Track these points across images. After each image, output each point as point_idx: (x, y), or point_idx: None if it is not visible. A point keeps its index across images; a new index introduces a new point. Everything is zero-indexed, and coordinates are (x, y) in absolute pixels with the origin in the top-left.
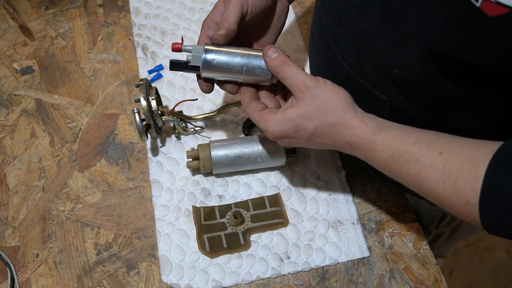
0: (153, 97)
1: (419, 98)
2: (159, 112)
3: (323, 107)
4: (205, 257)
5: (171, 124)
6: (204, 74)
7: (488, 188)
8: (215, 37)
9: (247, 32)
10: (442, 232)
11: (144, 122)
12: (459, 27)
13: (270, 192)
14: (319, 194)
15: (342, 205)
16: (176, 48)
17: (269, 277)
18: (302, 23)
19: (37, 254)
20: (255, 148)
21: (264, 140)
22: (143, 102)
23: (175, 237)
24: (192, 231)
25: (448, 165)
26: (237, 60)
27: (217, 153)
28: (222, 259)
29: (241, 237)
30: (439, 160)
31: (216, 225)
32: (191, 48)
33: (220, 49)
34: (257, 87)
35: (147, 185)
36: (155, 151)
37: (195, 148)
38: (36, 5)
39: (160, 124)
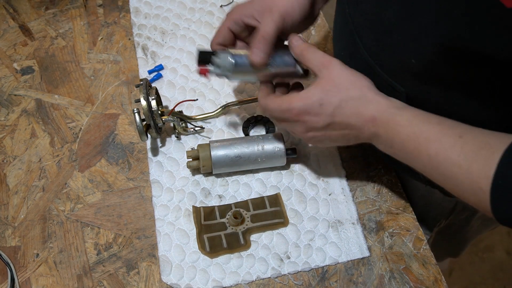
0: (153, 97)
1: (435, 90)
2: (159, 112)
3: (348, 82)
4: (205, 257)
5: (171, 124)
6: (234, 77)
7: (500, 176)
8: (253, 58)
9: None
10: (452, 223)
11: (144, 122)
12: (477, 19)
13: (270, 192)
14: (319, 194)
15: (342, 205)
16: (204, 70)
17: (269, 277)
18: None
19: (37, 254)
20: (255, 148)
21: (264, 140)
22: (143, 102)
23: (175, 237)
24: (192, 231)
25: (466, 148)
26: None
27: (217, 153)
28: (222, 259)
29: (241, 237)
30: (458, 143)
31: (216, 225)
32: (219, 60)
33: (246, 51)
34: (273, 86)
35: (147, 185)
36: (155, 151)
37: (195, 148)
38: (36, 5)
39: (160, 124)
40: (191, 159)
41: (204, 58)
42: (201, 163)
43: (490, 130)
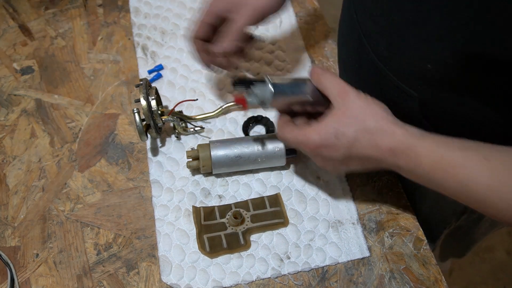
0: (153, 97)
1: (450, 94)
2: (159, 112)
3: (363, 113)
4: (205, 257)
5: (171, 124)
6: (271, 107)
7: None
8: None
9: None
10: (461, 225)
11: (144, 122)
12: (498, 22)
13: (270, 192)
14: (319, 194)
15: (342, 205)
16: (241, 101)
17: (269, 277)
18: (302, 23)
19: (37, 254)
20: (255, 148)
21: (264, 140)
22: (143, 102)
23: (175, 237)
24: (192, 231)
25: (495, 171)
26: (298, 87)
27: (217, 153)
28: (222, 259)
29: (241, 237)
30: (486, 166)
31: (216, 225)
32: (258, 91)
33: (281, 81)
34: (293, 115)
35: (147, 185)
36: (155, 151)
37: (195, 148)
38: (36, 5)
39: (160, 124)
40: (191, 159)
41: (241, 86)
42: (201, 163)
43: (509, 147)
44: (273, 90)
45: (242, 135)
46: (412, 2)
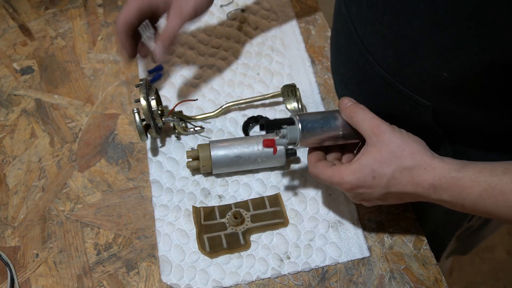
0: (153, 97)
1: (466, 101)
2: (159, 112)
3: (400, 151)
4: (205, 257)
5: (171, 124)
6: (301, 145)
7: None
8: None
9: None
10: (472, 225)
11: (144, 122)
12: None
13: (270, 192)
14: (319, 194)
15: (342, 205)
16: (270, 144)
17: (269, 277)
18: (301, 22)
19: (37, 254)
20: (255, 148)
21: None
22: (143, 102)
23: (175, 237)
24: (192, 231)
25: None
26: (328, 123)
27: (217, 153)
28: (222, 259)
29: (241, 237)
30: None
31: (216, 225)
32: (286, 132)
33: (309, 117)
34: (325, 151)
35: (147, 185)
36: (155, 151)
37: (195, 148)
38: (36, 5)
39: (160, 124)
40: (191, 159)
41: (270, 130)
42: (201, 163)
43: None
44: (301, 129)
45: (242, 135)
46: (429, 13)
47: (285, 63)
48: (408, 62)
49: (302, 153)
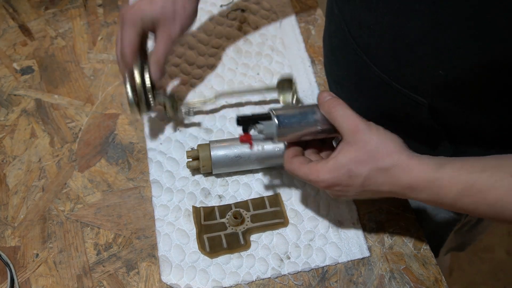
0: (147, 74)
1: (465, 100)
2: (151, 86)
3: (376, 151)
4: (205, 257)
5: (163, 105)
6: (278, 140)
7: None
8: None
9: None
10: (470, 219)
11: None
12: None
13: (270, 192)
14: (319, 194)
15: (342, 205)
16: (246, 140)
17: (269, 277)
18: (301, 22)
19: (37, 254)
20: (255, 148)
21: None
22: (137, 77)
23: (175, 237)
24: (192, 231)
25: None
26: (306, 118)
27: (217, 153)
28: (222, 259)
29: (241, 237)
30: None
31: (216, 225)
32: (263, 127)
33: (287, 112)
34: (304, 145)
35: (147, 185)
36: (155, 151)
37: (195, 148)
38: (36, 5)
39: (152, 100)
40: (191, 159)
41: (246, 125)
42: (201, 163)
43: None
44: (278, 125)
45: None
46: (429, 13)
47: (285, 63)
48: (406, 62)
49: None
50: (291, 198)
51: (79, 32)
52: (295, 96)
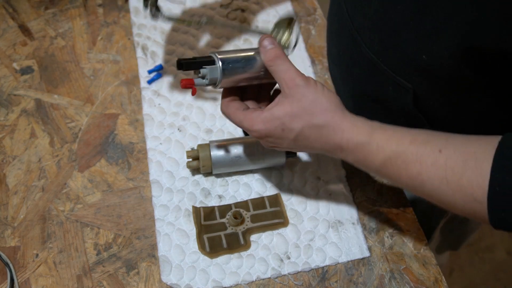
0: None
1: (444, 85)
2: None
3: (311, 107)
4: (205, 257)
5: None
6: (221, 85)
7: (497, 184)
8: None
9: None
10: (454, 216)
11: None
12: (497, 19)
13: (270, 192)
14: (319, 194)
15: (342, 205)
16: (189, 84)
17: (269, 277)
18: (301, 22)
19: (37, 254)
20: (255, 148)
21: None
22: None
23: (175, 237)
24: (192, 231)
25: (450, 163)
26: (249, 63)
27: (217, 153)
28: (222, 259)
29: (241, 237)
30: (440, 158)
31: (216, 225)
32: (206, 71)
33: (230, 57)
34: (241, 94)
35: (147, 185)
36: (155, 151)
37: (195, 148)
38: (36, 5)
39: None
40: (191, 159)
41: (188, 69)
42: (201, 163)
43: (468, 136)
44: (222, 70)
45: (242, 135)
46: (412, 1)
47: None
48: (391, 45)
49: (302, 153)
50: (291, 198)
51: (79, 32)
52: (289, 35)
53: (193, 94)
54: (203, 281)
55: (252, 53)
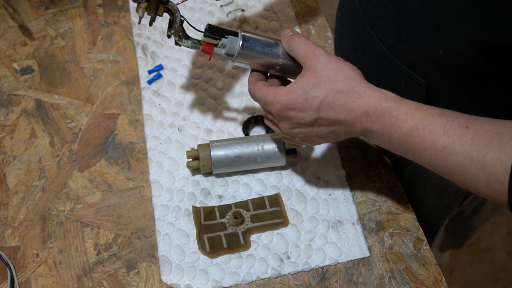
0: None
1: (459, 79)
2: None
3: (334, 75)
4: (205, 257)
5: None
6: (237, 60)
7: None
8: None
9: None
10: (464, 210)
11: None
12: None
13: (270, 192)
14: (319, 194)
15: (342, 205)
16: (208, 49)
17: (269, 277)
18: (302, 22)
19: (37, 254)
20: (255, 148)
21: (264, 140)
22: None
23: (175, 237)
24: (192, 231)
25: (476, 139)
26: (269, 46)
27: (217, 153)
28: (222, 259)
29: (241, 237)
30: (467, 134)
31: (216, 225)
32: (227, 42)
33: (255, 37)
34: (264, 75)
35: (147, 185)
36: (155, 151)
37: (195, 148)
38: (36, 5)
39: (159, 11)
40: (191, 159)
41: (213, 35)
42: (201, 163)
43: (494, 119)
44: (241, 44)
45: (242, 135)
46: None
47: None
48: (407, 37)
49: (302, 153)
50: (291, 198)
51: (79, 32)
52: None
53: (209, 59)
54: (203, 281)
55: (274, 41)
